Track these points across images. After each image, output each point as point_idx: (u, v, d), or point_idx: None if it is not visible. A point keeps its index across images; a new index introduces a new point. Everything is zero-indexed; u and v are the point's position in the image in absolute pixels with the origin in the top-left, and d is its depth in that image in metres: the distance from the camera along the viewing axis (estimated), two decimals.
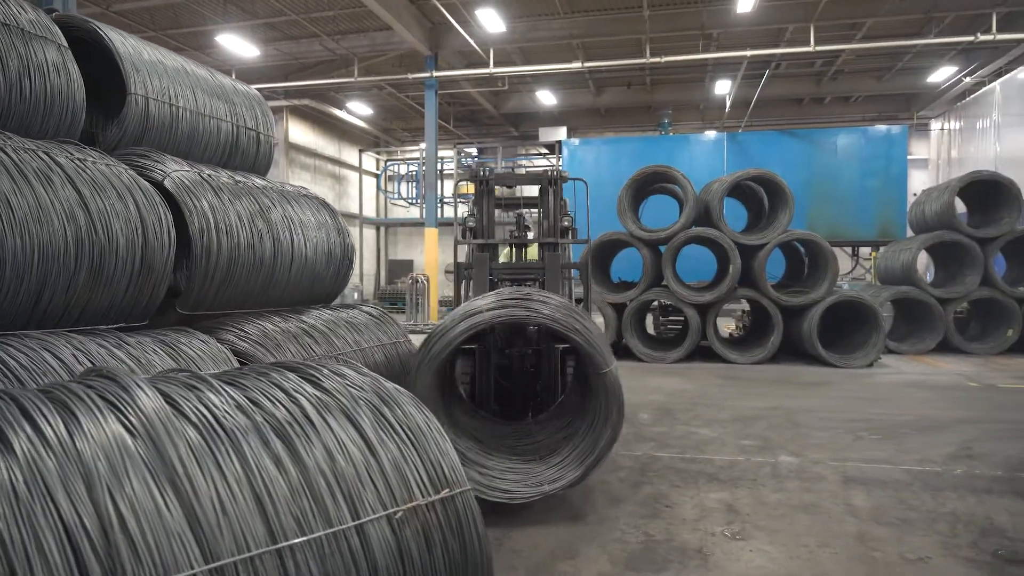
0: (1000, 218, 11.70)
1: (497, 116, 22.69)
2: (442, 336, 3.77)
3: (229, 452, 1.56)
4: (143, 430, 1.48)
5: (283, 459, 1.64)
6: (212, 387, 1.77)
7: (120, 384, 1.59)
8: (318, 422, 1.78)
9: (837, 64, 17.90)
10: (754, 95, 18.72)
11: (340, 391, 1.97)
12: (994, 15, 13.30)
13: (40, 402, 1.47)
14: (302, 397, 1.86)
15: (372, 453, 1.83)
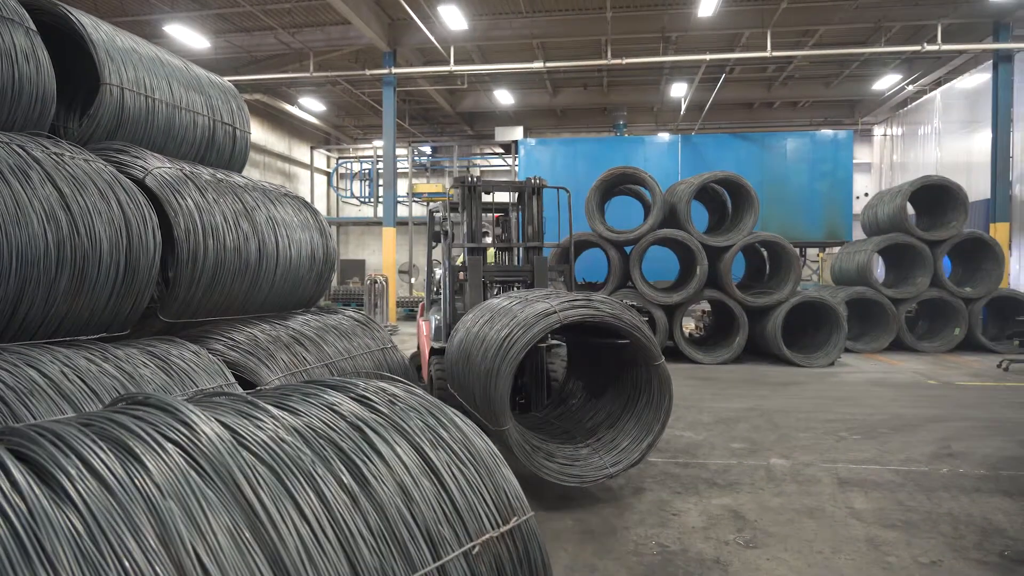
0: (948, 221, 12.14)
1: (452, 115, 22.45)
2: (521, 336, 3.89)
3: (305, 488, 1.38)
4: (211, 467, 1.30)
5: (357, 495, 1.47)
6: (266, 412, 1.58)
7: (175, 414, 1.40)
8: (385, 451, 1.62)
9: (788, 70, 18.32)
10: (709, 99, 19.00)
11: (396, 414, 1.80)
12: (939, 26, 13.81)
13: (89, 439, 1.26)
14: (361, 422, 1.68)
15: (441, 484, 1.68)
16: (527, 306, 4.15)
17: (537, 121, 23.56)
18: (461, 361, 4.48)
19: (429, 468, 1.68)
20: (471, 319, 4.75)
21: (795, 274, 10.53)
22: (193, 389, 3.02)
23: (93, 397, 2.57)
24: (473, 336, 4.39)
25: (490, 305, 4.73)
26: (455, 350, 4.72)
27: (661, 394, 4.29)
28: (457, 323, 5.09)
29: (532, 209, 6.19)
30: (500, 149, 24.94)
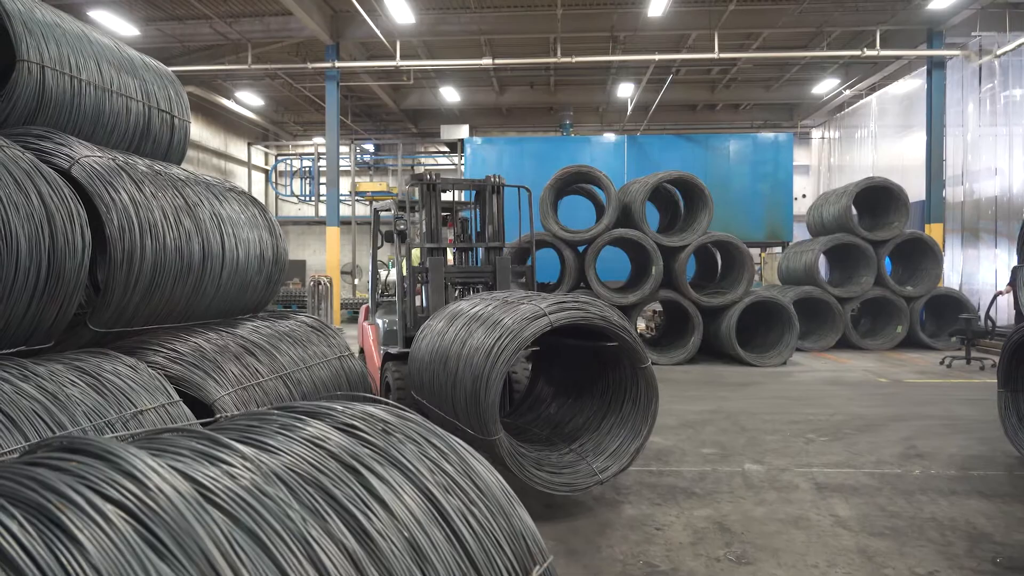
0: (890, 222, 12.45)
1: (396, 112, 21.94)
2: (511, 341, 3.68)
3: (298, 557, 1.06)
4: (171, 536, 0.97)
5: (361, 560, 1.16)
6: (236, 453, 1.25)
7: (118, 462, 1.06)
8: (388, 497, 1.31)
9: (732, 72, 18.58)
10: (655, 99, 19.09)
11: (392, 446, 1.49)
12: (877, 32, 14.18)
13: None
14: (355, 460, 1.37)
15: (454, 533, 1.38)
16: (510, 309, 3.95)
17: (483, 120, 23.28)
18: (435, 367, 4.23)
19: (439, 514, 1.38)
20: (441, 323, 4.48)
21: (748, 274, 10.57)
22: (131, 410, 2.62)
23: (10, 427, 2.16)
24: (450, 341, 4.15)
25: (461, 309, 4.47)
26: (424, 355, 4.46)
27: (648, 397, 4.16)
28: (422, 327, 4.82)
29: (492, 208, 6.01)
30: (445, 148, 24.56)
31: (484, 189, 5.99)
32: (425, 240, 5.72)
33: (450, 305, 4.82)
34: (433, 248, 5.74)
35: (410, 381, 4.88)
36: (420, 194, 5.80)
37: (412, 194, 5.85)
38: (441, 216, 5.97)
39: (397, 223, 6.16)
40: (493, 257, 5.97)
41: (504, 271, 5.90)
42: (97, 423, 2.45)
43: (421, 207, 5.79)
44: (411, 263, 5.75)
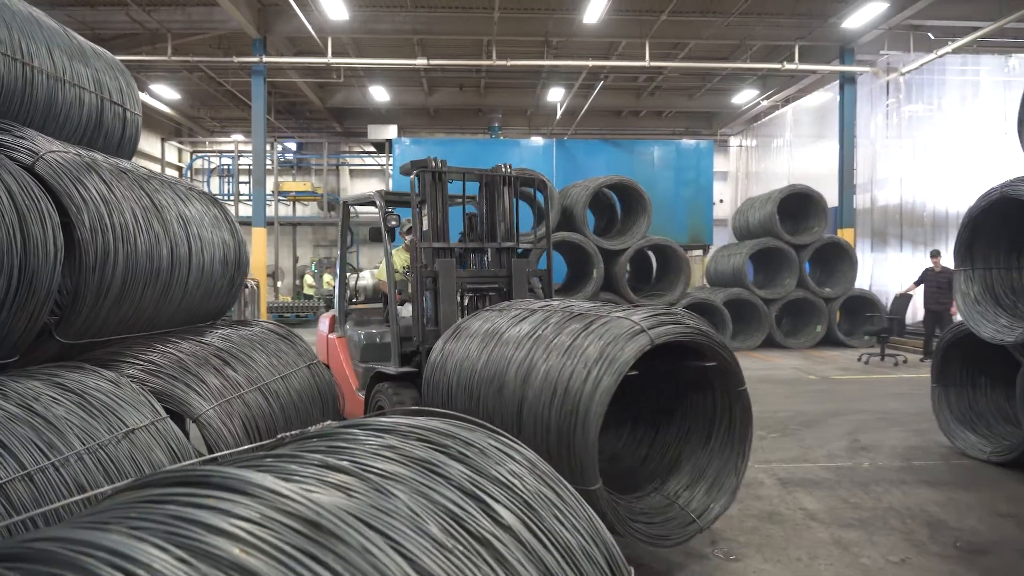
0: (811, 227, 13.13)
1: (322, 110, 21.37)
2: (608, 366, 2.97)
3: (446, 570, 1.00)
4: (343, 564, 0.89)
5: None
6: (353, 477, 1.17)
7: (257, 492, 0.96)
8: (533, 545, 1.24)
9: (657, 80, 19.11)
10: (582, 105, 19.42)
11: (514, 484, 1.42)
12: (796, 47, 14.92)
13: (156, 548, 0.82)
14: (487, 496, 1.29)
15: (561, 546, 1.34)
16: (589, 323, 3.28)
17: (411, 120, 23.00)
18: (479, 396, 3.58)
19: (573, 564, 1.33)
20: (475, 341, 3.83)
21: (685, 276, 10.91)
22: (122, 430, 2.42)
23: (2, 452, 1.96)
24: (503, 364, 3.47)
25: (498, 324, 3.81)
26: (455, 380, 3.80)
27: (744, 424, 3.59)
28: (440, 345, 4.13)
29: (503, 202, 5.19)
30: (372, 148, 24.13)
31: (494, 180, 5.16)
32: (429, 238, 4.82)
33: (475, 318, 4.11)
34: (440, 249, 4.86)
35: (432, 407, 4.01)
36: (423, 184, 4.84)
37: (413, 184, 4.82)
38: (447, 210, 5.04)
39: (387, 218, 5.34)
40: (506, 259, 5.09)
41: (521, 276, 5.05)
42: (90, 445, 2.25)
43: (426, 199, 4.85)
44: (419, 265, 4.75)
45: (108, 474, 2.24)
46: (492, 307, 4.33)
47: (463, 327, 4.09)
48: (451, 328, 4.23)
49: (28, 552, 0.78)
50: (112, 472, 2.26)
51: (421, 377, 4.36)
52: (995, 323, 5.06)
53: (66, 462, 2.13)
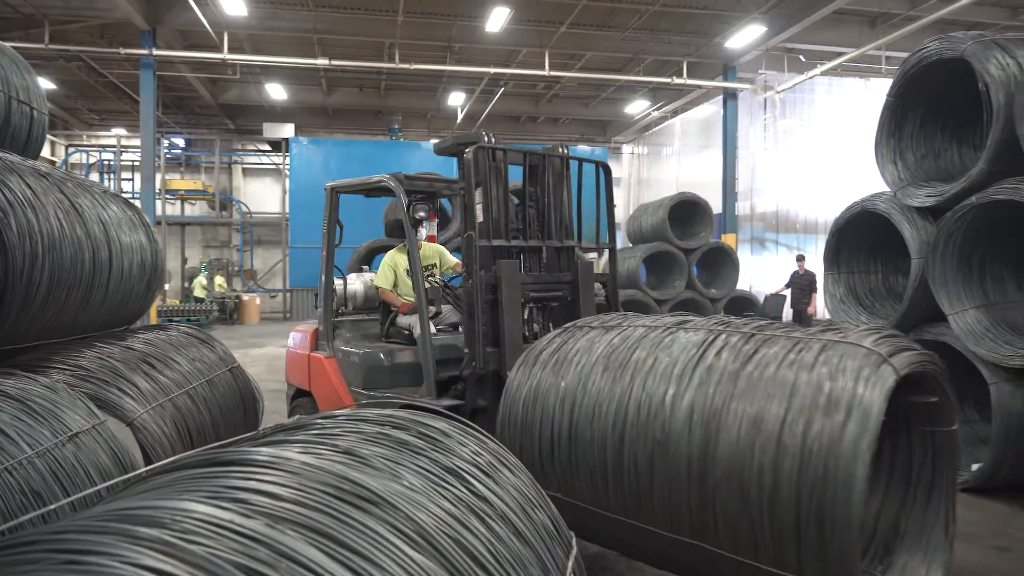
0: (698, 232, 14.05)
1: (213, 106, 20.58)
2: (861, 417, 2.10)
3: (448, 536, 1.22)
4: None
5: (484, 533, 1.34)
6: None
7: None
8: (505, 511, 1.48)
9: (555, 89, 19.76)
10: (483, 109, 19.80)
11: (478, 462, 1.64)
12: (684, 63, 15.92)
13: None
14: (464, 472, 1.52)
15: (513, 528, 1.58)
16: (796, 348, 2.39)
17: (308, 119, 22.55)
18: (627, 446, 2.63)
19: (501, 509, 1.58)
20: (589, 369, 2.88)
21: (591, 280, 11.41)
22: (67, 433, 2.45)
23: None
24: (645, 402, 2.59)
25: (626, 348, 2.84)
26: (571, 422, 2.83)
27: (950, 474, 2.72)
28: (525, 370, 3.14)
29: (560, 193, 4.34)
30: (267, 146, 23.47)
31: (547, 162, 4.28)
32: (487, 234, 3.84)
33: (567, 336, 3.16)
34: (499, 247, 3.90)
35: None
36: (476, 165, 3.81)
37: (470, 165, 3.78)
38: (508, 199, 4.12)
39: (414, 209, 4.42)
40: (566, 261, 4.25)
41: (588, 281, 4.22)
42: (39, 449, 2.28)
43: (480, 184, 3.85)
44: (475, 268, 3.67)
45: (58, 478, 2.28)
46: (585, 322, 3.28)
47: (555, 350, 3.11)
48: (533, 350, 3.21)
49: (136, 516, 0.94)
50: (62, 476, 2.29)
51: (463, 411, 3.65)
52: (856, 320, 5.77)
53: (18, 466, 2.16)
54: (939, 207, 4.99)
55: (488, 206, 3.94)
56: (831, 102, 16.77)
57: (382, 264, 4.92)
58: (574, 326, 3.27)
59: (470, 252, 3.73)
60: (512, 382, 3.14)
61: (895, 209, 5.31)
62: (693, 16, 14.23)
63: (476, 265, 3.69)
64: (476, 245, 3.71)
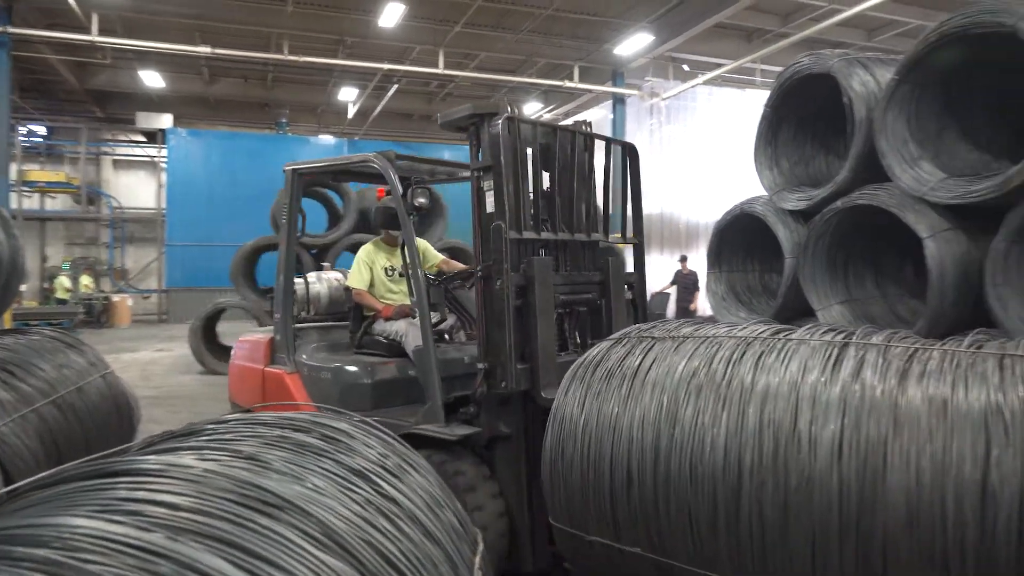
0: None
1: (79, 91, 19.04)
2: None
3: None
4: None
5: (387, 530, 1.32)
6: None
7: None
8: (412, 509, 1.45)
9: (449, 87, 19.72)
10: (375, 106, 19.45)
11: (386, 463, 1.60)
12: (576, 67, 16.33)
13: None
14: (371, 473, 1.48)
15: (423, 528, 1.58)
16: (970, 363, 1.98)
17: (188, 109, 21.32)
18: (745, 497, 2.10)
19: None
20: (670, 393, 2.34)
21: None
22: None
23: None
24: (766, 438, 2.10)
25: (722, 363, 2.32)
26: (659, 464, 2.28)
27: None
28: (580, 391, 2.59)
29: (585, 178, 3.70)
30: (141, 137, 22.00)
31: (575, 142, 3.66)
32: (516, 225, 3.20)
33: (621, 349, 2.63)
34: (530, 241, 3.29)
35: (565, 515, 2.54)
36: (503, 143, 3.15)
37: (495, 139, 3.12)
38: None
39: (413, 193, 3.51)
40: (590, 258, 3.66)
41: (619, 282, 3.72)
42: None
43: (488, 166, 3.18)
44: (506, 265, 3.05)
45: None
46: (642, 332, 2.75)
47: (615, 366, 2.56)
48: (583, 367, 2.67)
49: (16, 536, 0.85)
50: None
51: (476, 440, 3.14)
52: (736, 316, 6.12)
53: None
54: (809, 210, 5.38)
55: (518, 191, 3.28)
56: (711, 110, 17.70)
57: (356, 261, 4.24)
58: (628, 336, 2.72)
59: (499, 246, 3.08)
60: (562, 407, 2.57)
61: (770, 212, 5.66)
62: (585, 22, 14.60)
63: (507, 263, 3.04)
64: (506, 238, 3.07)
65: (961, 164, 4.63)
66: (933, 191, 4.39)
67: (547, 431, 2.61)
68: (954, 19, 4.29)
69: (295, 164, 4.32)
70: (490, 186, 3.17)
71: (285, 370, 4.09)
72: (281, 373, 4.09)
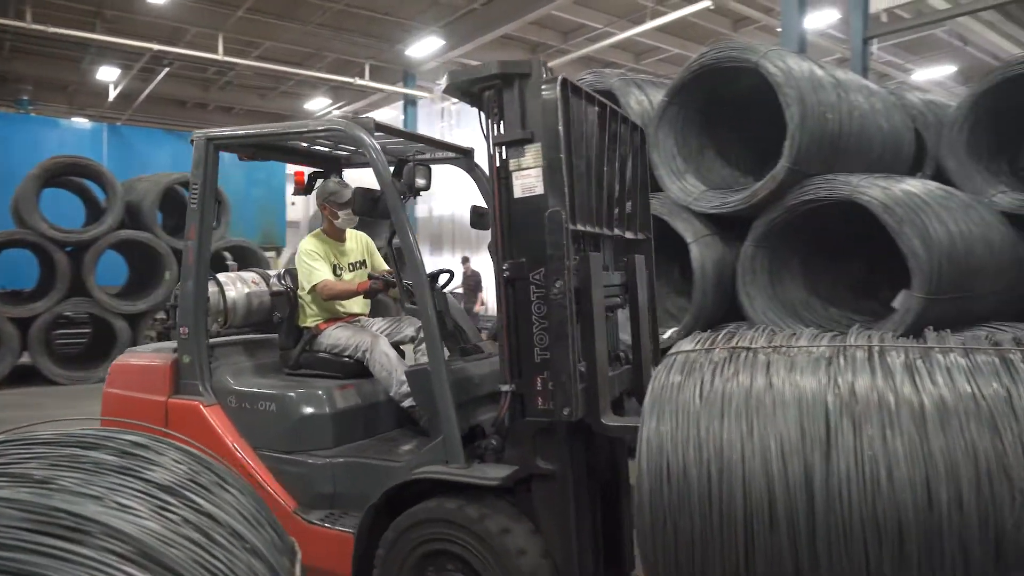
0: (381, 231, 14.34)
1: None
2: None
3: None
4: None
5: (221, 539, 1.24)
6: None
7: None
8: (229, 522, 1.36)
9: (229, 75, 18.39)
10: (142, 89, 17.58)
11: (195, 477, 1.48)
12: (367, 65, 16.09)
13: None
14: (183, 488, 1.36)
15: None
16: None
17: None
18: (962, 540, 1.77)
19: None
20: (847, 420, 1.93)
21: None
22: None
23: None
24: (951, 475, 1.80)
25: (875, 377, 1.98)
26: (854, 516, 1.85)
27: None
28: (702, 427, 2.07)
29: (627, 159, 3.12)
30: None
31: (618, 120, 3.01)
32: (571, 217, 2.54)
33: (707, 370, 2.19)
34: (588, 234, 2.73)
35: (671, 570, 2.07)
36: (564, 114, 2.52)
37: (549, 106, 2.51)
38: None
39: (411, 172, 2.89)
40: (615, 256, 3.11)
41: (645, 282, 3.16)
42: None
43: (563, 140, 2.51)
44: (568, 262, 2.46)
45: None
46: (710, 342, 2.35)
47: (704, 387, 2.13)
48: (662, 389, 2.19)
49: None
50: None
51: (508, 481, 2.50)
52: None
53: None
54: None
55: (589, 172, 2.74)
56: None
57: (306, 255, 3.45)
58: (697, 350, 2.29)
59: (558, 239, 2.44)
60: (655, 437, 2.08)
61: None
62: (377, 20, 14.45)
63: (569, 260, 2.45)
64: (567, 228, 2.46)
65: (718, 178, 5.34)
66: (696, 201, 5.00)
67: (641, 469, 2.06)
68: (711, 52, 4.94)
69: (210, 132, 3.33)
70: (530, 163, 2.53)
71: (202, 401, 3.16)
72: (196, 405, 3.15)
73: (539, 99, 2.51)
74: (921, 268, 4.05)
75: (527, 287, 2.52)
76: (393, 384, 3.16)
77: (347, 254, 3.69)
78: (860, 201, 4.23)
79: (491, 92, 2.62)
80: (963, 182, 5.34)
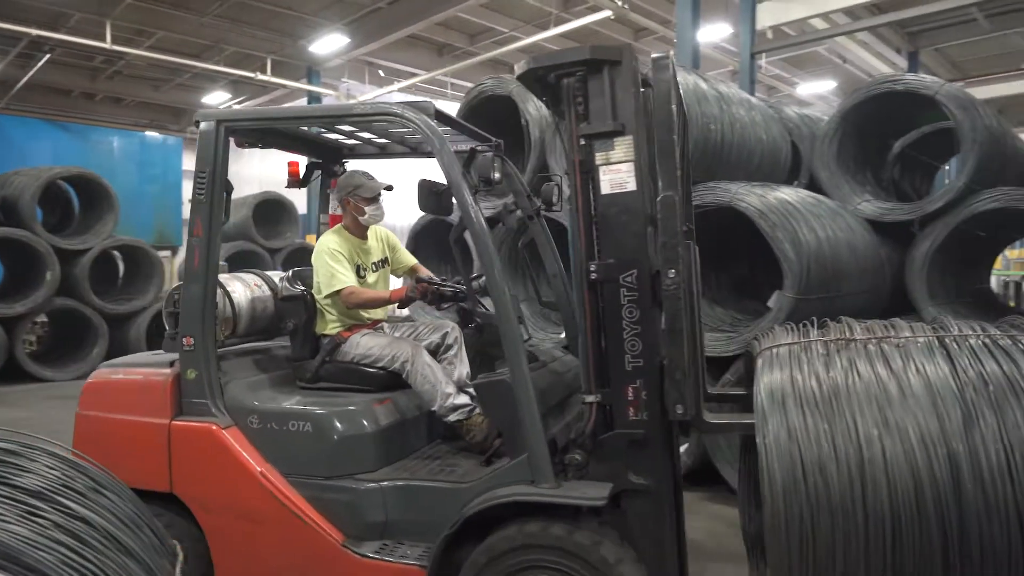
0: (283, 232, 14.02)
1: None
2: None
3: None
4: None
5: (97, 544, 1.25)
6: None
7: None
8: (105, 526, 1.36)
9: (118, 65, 17.40)
10: (19, 76, 16.39)
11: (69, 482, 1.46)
12: (268, 60, 15.62)
13: None
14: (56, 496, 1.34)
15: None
16: None
17: None
18: None
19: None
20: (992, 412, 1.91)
21: (158, 279, 10.43)
22: None
23: None
24: None
25: None
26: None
27: None
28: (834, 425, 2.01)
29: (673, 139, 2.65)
30: None
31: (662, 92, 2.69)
32: (671, 210, 2.39)
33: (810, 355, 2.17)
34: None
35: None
36: (674, 97, 2.45)
37: (663, 88, 2.41)
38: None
39: (484, 163, 2.72)
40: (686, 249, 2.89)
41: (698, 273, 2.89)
42: None
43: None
44: (683, 252, 2.39)
45: None
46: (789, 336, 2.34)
47: (820, 382, 2.08)
48: (775, 385, 2.13)
49: None
50: None
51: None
52: (432, 316, 6.51)
53: None
54: (495, 218, 5.97)
55: (686, 153, 2.60)
56: None
57: (327, 255, 3.13)
58: (796, 343, 2.24)
59: (673, 227, 2.33)
60: (777, 433, 1.99)
61: (457, 219, 6.18)
62: (278, 14, 14.06)
63: (683, 249, 2.36)
64: (681, 215, 2.38)
65: None
66: None
67: (770, 468, 1.97)
68: None
69: (221, 114, 3.02)
70: (620, 157, 2.36)
71: (214, 422, 2.79)
72: (208, 427, 2.78)
73: (632, 89, 2.35)
74: (792, 270, 4.38)
75: (616, 290, 2.37)
76: (438, 397, 2.92)
77: (370, 252, 3.44)
78: (739, 208, 4.52)
79: (573, 80, 2.39)
80: (833, 191, 5.81)
